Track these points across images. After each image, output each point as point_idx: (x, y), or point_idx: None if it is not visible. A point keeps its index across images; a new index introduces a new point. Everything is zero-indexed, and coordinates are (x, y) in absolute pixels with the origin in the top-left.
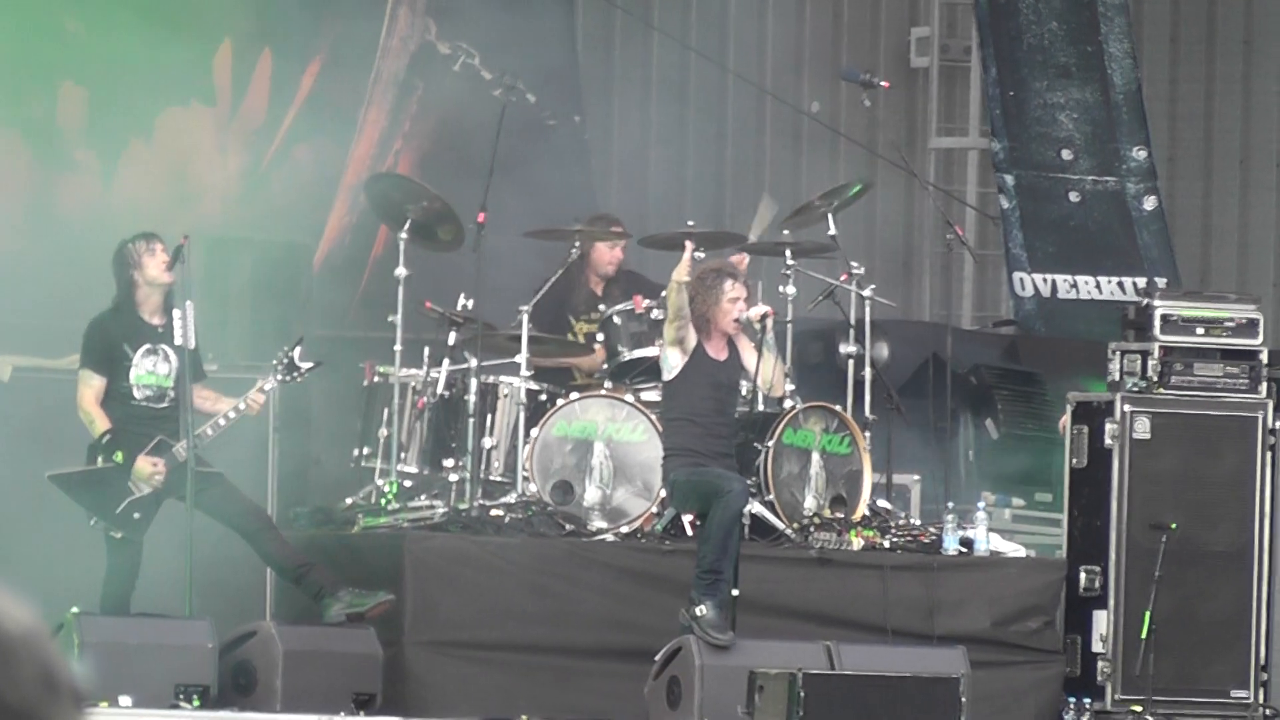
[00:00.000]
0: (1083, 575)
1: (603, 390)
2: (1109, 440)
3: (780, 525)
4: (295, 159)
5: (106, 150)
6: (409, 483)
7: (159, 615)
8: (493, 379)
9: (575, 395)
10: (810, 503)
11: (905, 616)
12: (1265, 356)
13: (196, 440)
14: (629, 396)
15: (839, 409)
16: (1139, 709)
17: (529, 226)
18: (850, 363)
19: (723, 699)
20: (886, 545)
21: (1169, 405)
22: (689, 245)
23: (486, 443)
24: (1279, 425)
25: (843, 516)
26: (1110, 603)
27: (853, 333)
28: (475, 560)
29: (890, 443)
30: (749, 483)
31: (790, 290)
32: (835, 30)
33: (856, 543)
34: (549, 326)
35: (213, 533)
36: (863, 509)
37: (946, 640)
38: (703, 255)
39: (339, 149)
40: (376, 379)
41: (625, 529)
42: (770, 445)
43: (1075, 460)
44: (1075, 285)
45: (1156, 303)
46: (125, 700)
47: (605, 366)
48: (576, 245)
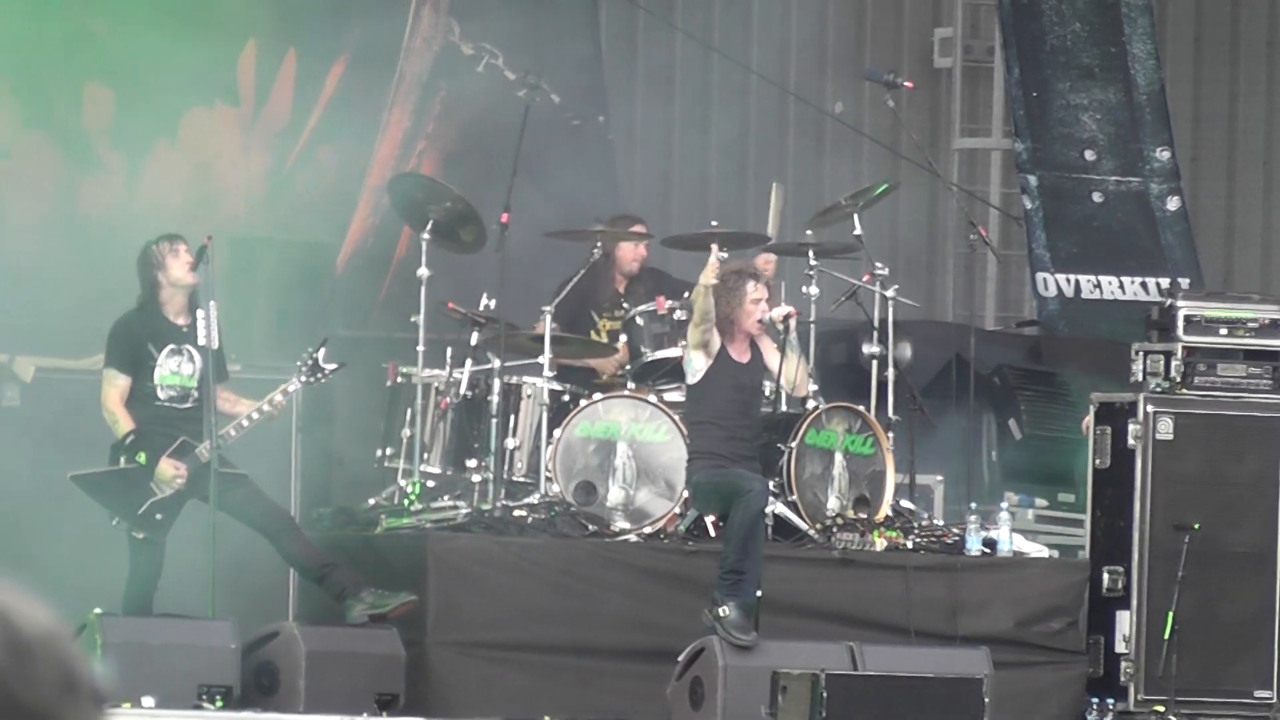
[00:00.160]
0: (1106, 576)
1: (626, 391)
2: (1132, 441)
3: (803, 526)
4: (319, 160)
5: (132, 151)
6: (432, 483)
7: (182, 616)
8: (516, 379)
9: (598, 396)
10: (833, 503)
11: (928, 617)
12: None
13: (220, 441)
14: (652, 397)
15: (862, 409)
16: (1162, 709)
17: (552, 227)
18: (873, 363)
19: (745, 700)
20: (909, 546)
21: (1192, 406)
22: (715, 249)
23: (509, 443)
24: None
25: (866, 517)
26: (1133, 603)
27: (876, 333)
28: (498, 561)
29: (913, 443)
30: (772, 483)
31: (813, 291)
32: (859, 31)
33: (879, 543)
34: (572, 325)
35: (235, 533)
36: (886, 509)
37: (969, 641)
38: (725, 255)
39: (362, 150)
40: (399, 379)
41: (648, 530)
42: (793, 446)
43: (1098, 461)
44: (1099, 286)
45: (1180, 303)
46: (148, 701)
47: (628, 367)
48: (599, 245)
